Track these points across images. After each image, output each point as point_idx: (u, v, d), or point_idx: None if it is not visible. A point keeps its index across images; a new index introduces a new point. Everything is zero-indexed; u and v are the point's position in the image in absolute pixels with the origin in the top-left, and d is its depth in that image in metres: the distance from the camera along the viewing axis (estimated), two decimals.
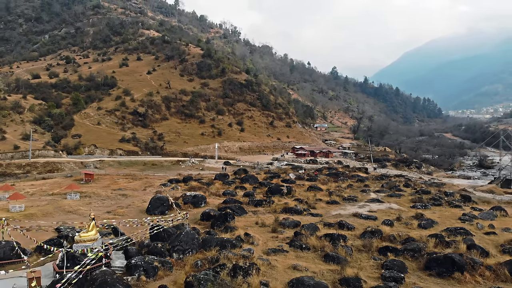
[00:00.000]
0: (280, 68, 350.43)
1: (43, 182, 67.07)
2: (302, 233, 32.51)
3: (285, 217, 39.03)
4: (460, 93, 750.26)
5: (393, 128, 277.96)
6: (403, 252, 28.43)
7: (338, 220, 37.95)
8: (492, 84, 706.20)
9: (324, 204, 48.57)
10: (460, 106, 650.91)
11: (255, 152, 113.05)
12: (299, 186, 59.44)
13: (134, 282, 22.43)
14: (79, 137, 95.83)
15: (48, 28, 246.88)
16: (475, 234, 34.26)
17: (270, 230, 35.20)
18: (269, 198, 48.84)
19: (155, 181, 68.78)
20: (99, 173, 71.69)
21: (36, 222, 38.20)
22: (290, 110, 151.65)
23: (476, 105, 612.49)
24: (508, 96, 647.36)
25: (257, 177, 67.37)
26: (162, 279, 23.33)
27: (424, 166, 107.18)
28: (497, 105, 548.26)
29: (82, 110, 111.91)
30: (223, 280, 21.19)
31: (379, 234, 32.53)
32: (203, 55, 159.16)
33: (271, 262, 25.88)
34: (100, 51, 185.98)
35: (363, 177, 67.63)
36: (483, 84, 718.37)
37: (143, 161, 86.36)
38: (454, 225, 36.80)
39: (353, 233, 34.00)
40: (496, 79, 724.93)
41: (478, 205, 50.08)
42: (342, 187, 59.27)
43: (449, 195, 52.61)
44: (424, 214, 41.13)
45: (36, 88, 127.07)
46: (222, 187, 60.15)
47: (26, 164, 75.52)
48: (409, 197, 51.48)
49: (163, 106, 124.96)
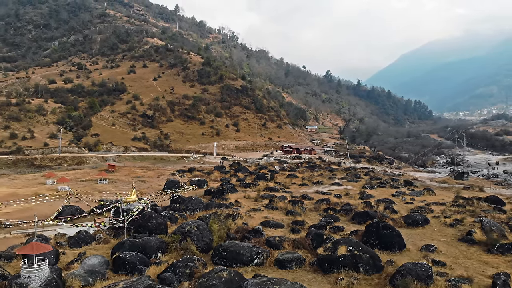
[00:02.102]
0: (276, 72, 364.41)
1: (75, 172, 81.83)
2: (274, 200, 47.47)
3: (265, 193, 53.90)
4: (455, 95, 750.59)
5: (382, 129, 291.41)
6: (339, 211, 43.05)
7: (302, 194, 52.97)
8: (487, 86, 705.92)
9: (297, 186, 63.42)
10: (456, 108, 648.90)
11: (249, 150, 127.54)
12: (281, 175, 74.26)
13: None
14: (98, 136, 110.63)
15: (57, 35, 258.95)
16: (397, 203, 48.86)
17: (253, 200, 49.90)
18: (256, 182, 63.60)
19: (165, 171, 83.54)
20: (118, 165, 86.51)
21: (81, 197, 53.24)
22: (281, 113, 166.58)
23: (471, 107, 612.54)
24: (503, 98, 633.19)
25: (248, 168, 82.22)
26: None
27: (396, 162, 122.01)
28: (491, 107, 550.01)
29: (98, 112, 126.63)
30: (219, 218, 35.93)
31: (327, 202, 47.43)
32: (203, 63, 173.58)
33: (250, 215, 40.64)
34: (108, 58, 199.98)
35: (333, 169, 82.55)
36: (478, 86, 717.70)
37: (153, 156, 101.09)
38: (385, 198, 51.74)
39: (310, 201, 48.85)
40: (491, 81, 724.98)
41: (418, 188, 64.96)
42: (314, 175, 74.13)
43: (395, 181, 67.60)
44: (366, 191, 55.99)
45: (54, 93, 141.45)
46: (219, 175, 74.97)
47: (57, 158, 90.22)
48: (364, 182, 66.38)
49: (168, 110, 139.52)
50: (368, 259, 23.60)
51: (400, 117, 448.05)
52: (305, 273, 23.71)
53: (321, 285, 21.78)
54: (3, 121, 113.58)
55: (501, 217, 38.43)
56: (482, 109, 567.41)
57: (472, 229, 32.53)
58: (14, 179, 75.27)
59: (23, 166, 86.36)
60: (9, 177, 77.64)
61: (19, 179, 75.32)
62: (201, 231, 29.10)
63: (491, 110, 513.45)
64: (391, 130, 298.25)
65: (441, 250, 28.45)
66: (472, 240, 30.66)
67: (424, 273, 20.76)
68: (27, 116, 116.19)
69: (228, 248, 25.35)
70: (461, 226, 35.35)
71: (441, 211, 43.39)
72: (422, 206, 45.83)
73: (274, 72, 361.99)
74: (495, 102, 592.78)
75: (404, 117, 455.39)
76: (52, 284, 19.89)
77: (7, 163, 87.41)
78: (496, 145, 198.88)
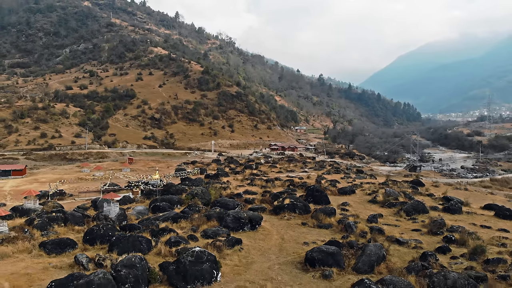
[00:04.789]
0: (270, 76, 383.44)
1: (101, 164, 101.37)
2: (255, 180, 67.27)
3: (249, 177, 73.66)
4: (451, 96, 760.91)
5: (369, 130, 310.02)
6: (298, 186, 62.78)
7: (275, 177, 72.83)
8: (480, 88, 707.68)
9: (275, 173, 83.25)
10: (450, 109, 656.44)
11: (241, 147, 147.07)
12: (264, 166, 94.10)
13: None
14: (114, 136, 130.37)
15: (67, 42, 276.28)
16: (340, 182, 68.59)
17: (240, 181, 69.72)
18: (243, 170, 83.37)
19: (172, 163, 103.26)
20: (135, 159, 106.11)
21: (116, 179, 72.93)
22: (271, 116, 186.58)
23: (464, 109, 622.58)
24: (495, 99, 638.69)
25: (239, 161, 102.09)
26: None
27: (367, 158, 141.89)
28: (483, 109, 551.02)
29: (113, 115, 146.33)
30: (215, 187, 55.63)
31: (292, 181, 67.18)
32: (202, 72, 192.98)
33: (237, 188, 60.49)
34: (117, 65, 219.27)
35: (307, 162, 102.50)
36: (471, 88, 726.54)
37: (162, 152, 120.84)
38: (335, 179, 71.54)
39: (280, 182, 68.61)
40: (485, 83, 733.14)
41: (363, 174, 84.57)
42: (290, 166, 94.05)
43: (349, 170, 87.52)
44: (323, 176, 75.79)
45: (73, 98, 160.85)
46: (216, 166, 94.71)
47: (84, 153, 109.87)
48: (325, 170, 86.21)
49: (172, 113, 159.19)
50: (302, 206, 42.29)
51: (389, 118, 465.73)
52: (265, 214, 43.08)
53: (273, 219, 40.87)
54: (33, 122, 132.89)
55: (408, 191, 57.71)
56: (474, 110, 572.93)
57: (377, 195, 52.16)
58: (54, 169, 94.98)
59: (57, 160, 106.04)
60: (49, 167, 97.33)
61: (58, 169, 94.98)
62: (204, 194, 48.42)
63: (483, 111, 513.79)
64: (378, 131, 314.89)
65: (351, 205, 47.71)
66: (375, 201, 49.91)
67: (329, 211, 39.78)
68: (53, 118, 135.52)
69: (220, 202, 44.20)
70: (374, 194, 54.98)
71: (368, 187, 62.96)
72: (357, 183, 65.39)
73: (269, 76, 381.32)
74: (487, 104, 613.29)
75: (393, 119, 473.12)
76: (121, 216, 38.88)
77: (44, 157, 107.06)
78: (465, 144, 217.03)
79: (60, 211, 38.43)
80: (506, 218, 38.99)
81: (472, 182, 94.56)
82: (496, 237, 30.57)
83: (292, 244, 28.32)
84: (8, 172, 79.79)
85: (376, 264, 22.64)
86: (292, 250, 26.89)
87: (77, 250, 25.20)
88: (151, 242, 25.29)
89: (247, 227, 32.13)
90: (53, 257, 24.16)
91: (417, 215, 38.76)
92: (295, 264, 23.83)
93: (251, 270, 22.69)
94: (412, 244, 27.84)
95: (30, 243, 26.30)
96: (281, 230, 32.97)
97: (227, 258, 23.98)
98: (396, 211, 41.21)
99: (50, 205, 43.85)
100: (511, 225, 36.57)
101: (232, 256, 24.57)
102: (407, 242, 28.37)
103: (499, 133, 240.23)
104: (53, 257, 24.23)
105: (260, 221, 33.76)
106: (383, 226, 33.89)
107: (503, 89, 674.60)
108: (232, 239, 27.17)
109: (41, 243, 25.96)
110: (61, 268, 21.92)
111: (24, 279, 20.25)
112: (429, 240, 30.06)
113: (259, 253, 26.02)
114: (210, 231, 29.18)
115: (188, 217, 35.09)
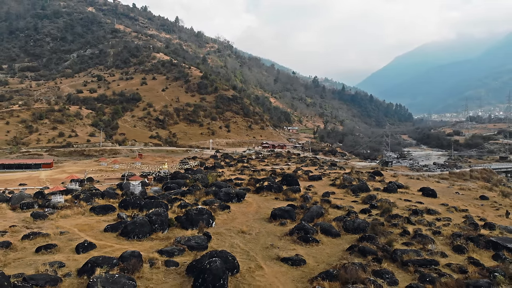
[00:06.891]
0: (266, 78, 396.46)
1: (115, 159, 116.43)
2: (244, 170, 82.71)
3: (240, 168, 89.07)
4: (447, 97, 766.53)
5: (360, 130, 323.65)
6: (278, 175, 78.29)
7: (261, 168, 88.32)
8: (475, 89, 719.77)
9: (262, 166, 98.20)
10: (445, 109, 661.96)
11: (236, 146, 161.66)
12: (254, 160, 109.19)
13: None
14: (124, 135, 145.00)
15: (74, 47, 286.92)
16: (313, 172, 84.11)
17: (232, 171, 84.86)
18: (236, 164, 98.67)
19: (176, 159, 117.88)
20: (144, 155, 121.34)
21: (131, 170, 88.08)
22: (264, 117, 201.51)
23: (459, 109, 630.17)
24: (490, 100, 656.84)
25: (233, 157, 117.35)
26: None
27: (348, 155, 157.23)
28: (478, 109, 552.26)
29: (121, 117, 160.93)
30: (212, 174, 71.08)
31: (274, 171, 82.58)
32: (202, 77, 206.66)
33: (229, 176, 75.65)
34: (122, 70, 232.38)
35: (292, 157, 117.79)
36: (467, 89, 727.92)
37: (166, 149, 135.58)
38: (309, 170, 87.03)
39: (265, 172, 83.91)
40: (480, 84, 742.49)
41: (335, 167, 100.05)
42: (276, 160, 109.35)
43: (325, 163, 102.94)
44: (301, 167, 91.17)
45: (84, 101, 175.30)
46: (213, 161, 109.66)
47: (99, 149, 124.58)
48: (304, 164, 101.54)
49: (174, 115, 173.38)
50: (276, 187, 54.98)
51: (381, 119, 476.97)
52: (249, 193, 57.25)
53: (254, 196, 54.17)
54: (50, 123, 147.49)
55: (364, 178, 72.81)
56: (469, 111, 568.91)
57: (337, 180, 67.57)
58: (75, 163, 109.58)
59: (76, 155, 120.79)
60: (71, 162, 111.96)
61: (79, 163, 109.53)
62: (203, 179, 62.75)
63: (477, 112, 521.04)
64: (368, 131, 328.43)
65: (315, 187, 61.80)
66: (334, 184, 64.77)
67: (296, 190, 53.13)
68: (68, 119, 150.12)
69: (216, 184, 58.67)
70: (335, 180, 70.31)
71: (334, 175, 78.21)
72: (326, 173, 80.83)
73: (265, 78, 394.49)
74: (482, 104, 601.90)
75: (385, 119, 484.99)
76: (143, 193, 52.55)
77: (65, 153, 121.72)
78: (444, 143, 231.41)
79: (97, 189, 53.17)
80: (429, 196, 51.26)
81: (433, 175, 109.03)
82: (408, 205, 42.82)
83: (265, 209, 39.71)
84: (39, 165, 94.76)
85: (316, 218, 34.48)
86: (264, 212, 38.39)
87: (116, 212, 36.25)
88: (168, 205, 37.54)
89: (234, 199, 43.73)
90: (101, 216, 35.15)
91: (360, 193, 50.65)
92: (265, 219, 35.47)
93: (234, 222, 34.30)
94: (346, 209, 39.45)
95: (82, 209, 37.38)
96: (259, 202, 44.74)
97: (219, 216, 35.53)
98: (346, 190, 53.27)
99: (86, 187, 58.59)
100: (429, 200, 49.70)
101: (223, 215, 36.16)
102: (343, 207, 40.32)
103: (479, 133, 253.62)
104: (100, 216, 35.16)
105: (244, 196, 45.45)
106: (332, 199, 46.01)
107: (498, 90, 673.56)
108: (223, 205, 38.84)
109: (91, 207, 37.27)
110: (108, 221, 32.39)
111: (86, 227, 30.88)
112: (360, 207, 41.75)
113: (241, 214, 37.68)
114: (208, 201, 40.63)
115: (192, 192, 47.33)
